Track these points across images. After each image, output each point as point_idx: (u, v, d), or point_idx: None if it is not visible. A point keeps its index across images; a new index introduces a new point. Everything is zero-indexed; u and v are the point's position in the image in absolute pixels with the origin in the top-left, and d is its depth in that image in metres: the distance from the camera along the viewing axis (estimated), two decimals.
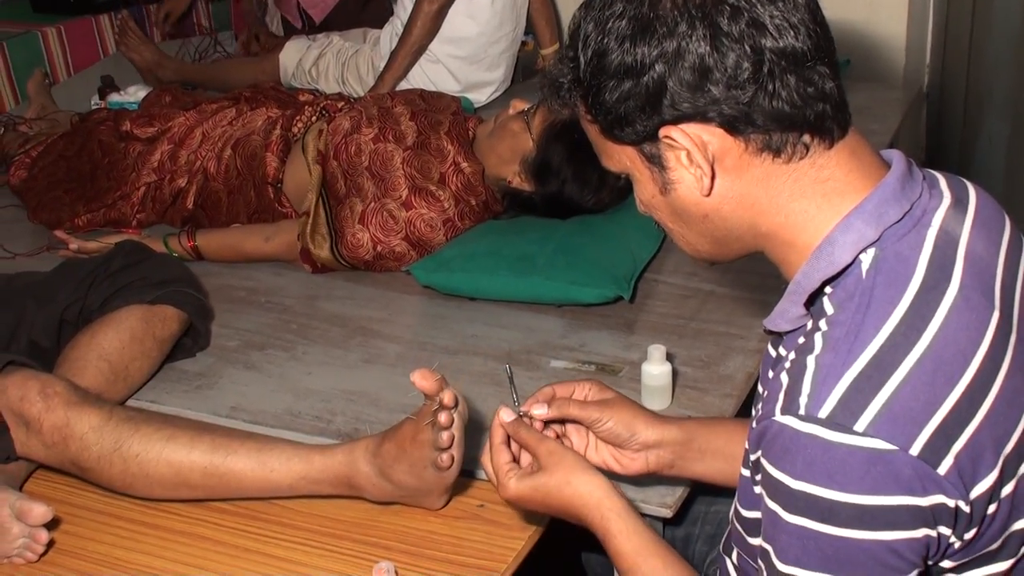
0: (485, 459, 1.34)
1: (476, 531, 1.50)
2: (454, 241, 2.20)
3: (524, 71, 3.46)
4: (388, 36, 3.20)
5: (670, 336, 1.93)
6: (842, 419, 0.96)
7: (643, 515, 1.52)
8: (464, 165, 2.26)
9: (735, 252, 1.15)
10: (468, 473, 1.56)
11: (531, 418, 1.35)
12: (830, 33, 1.05)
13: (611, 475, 1.33)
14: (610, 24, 1.03)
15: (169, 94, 2.76)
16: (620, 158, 1.11)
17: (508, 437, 1.34)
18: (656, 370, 1.70)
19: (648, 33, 1.01)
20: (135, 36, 3.50)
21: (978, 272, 1.05)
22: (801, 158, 1.05)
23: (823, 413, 0.97)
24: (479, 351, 1.93)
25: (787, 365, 1.05)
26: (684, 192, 1.08)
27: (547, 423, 1.37)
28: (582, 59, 1.06)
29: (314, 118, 2.49)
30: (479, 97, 3.20)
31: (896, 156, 1.09)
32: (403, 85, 3.08)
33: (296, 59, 3.39)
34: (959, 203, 1.11)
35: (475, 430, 1.66)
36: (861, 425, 0.96)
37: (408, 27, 3.03)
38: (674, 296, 2.09)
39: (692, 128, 1.03)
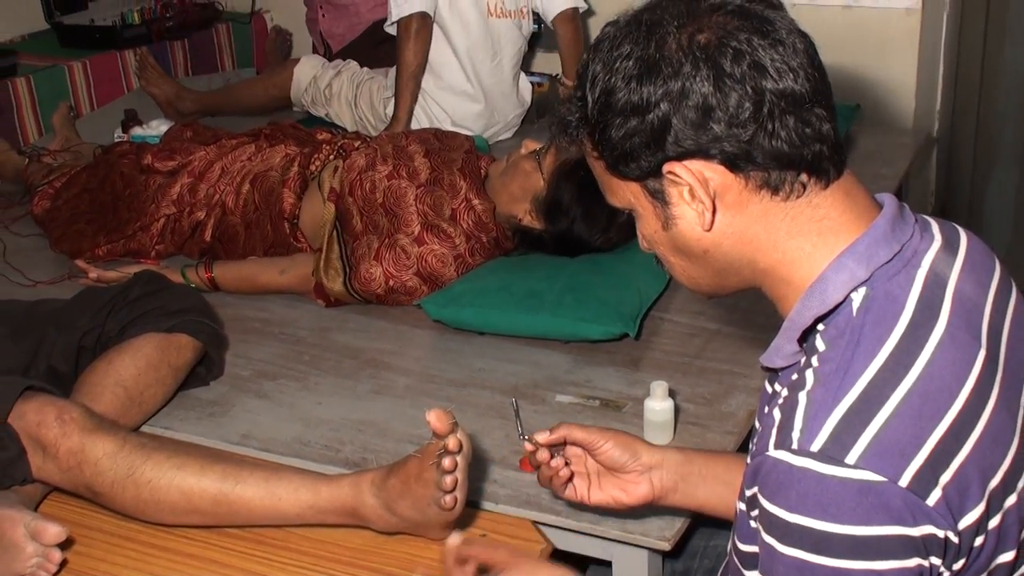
0: None
1: None
2: (465, 277, 2.24)
3: (539, 110, 3.51)
4: (392, 75, 3.26)
5: (674, 373, 1.96)
6: (833, 452, 0.99)
7: (642, 548, 1.56)
8: (476, 202, 2.30)
9: (733, 286, 1.18)
10: (471, 503, 1.59)
11: (536, 443, 1.39)
12: (827, 78, 1.09)
13: (619, 514, 1.35)
14: (618, 64, 1.07)
15: (190, 129, 2.81)
16: (624, 194, 1.14)
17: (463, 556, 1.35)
18: (659, 406, 1.73)
19: (654, 73, 1.05)
20: (154, 71, 3.56)
21: (966, 312, 1.09)
22: (798, 197, 1.08)
23: (815, 447, 1.00)
24: (487, 385, 1.97)
25: (780, 401, 1.08)
26: (685, 227, 1.12)
27: (552, 454, 1.41)
28: (590, 98, 1.09)
29: (331, 156, 2.54)
30: (470, 133, 3.22)
31: (888, 199, 1.13)
32: (412, 124, 3.14)
33: (311, 75, 3.44)
34: (949, 246, 1.15)
35: (482, 461, 1.70)
36: (852, 458, 0.98)
37: (399, 59, 3.09)
38: (679, 334, 2.13)
39: (695, 164, 1.07)
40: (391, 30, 3.13)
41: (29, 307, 1.98)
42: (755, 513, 1.07)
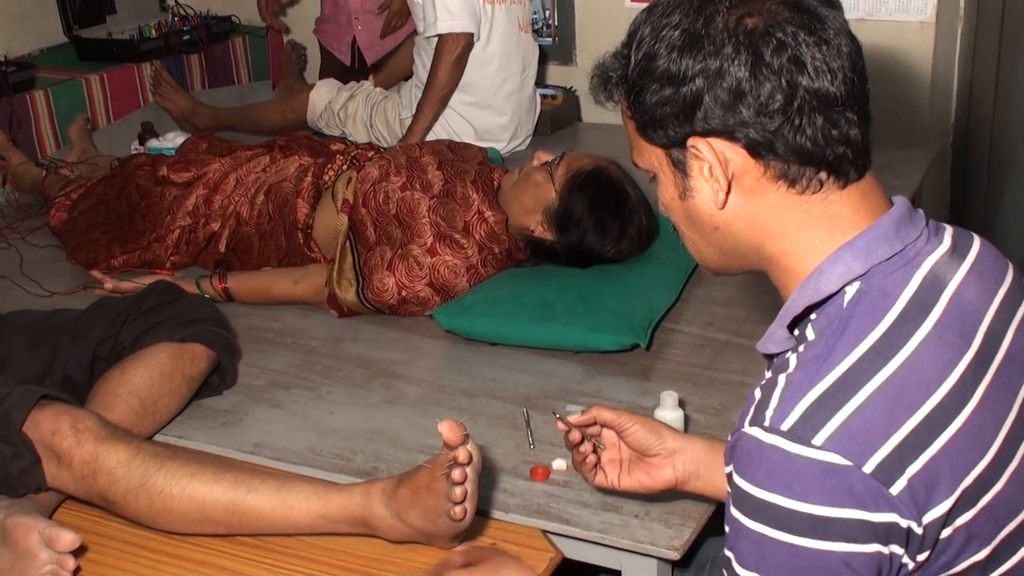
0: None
1: None
2: (477, 287, 2.25)
3: (553, 124, 3.52)
4: (409, 89, 3.28)
5: (685, 384, 1.97)
6: (802, 433, 1.02)
7: (651, 557, 1.56)
8: (488, 214, 2.31)
9: (740, 267, 1.21)
10: (481, 512, 1.59)
11: (568, 423, 1.47)
12: (867, 85, 1.11)
13: (646, 498, 1.45)
14: (664, 32, 1.10)
15: (206, 141, 2.83)
16: (649, 157, 1.17)
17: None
18: (668, 416, 1.72)
19: (696, 48, 1.08)
20: (169, 86, 3.59)
21: (961, 314, 1.10)
22: (814, 192, 1.11)
23: (785, 426, 1.03)
24: (498, 395, 1.97)
25: (762, 382, 1.11)
26: (700, 201, 1.15)
27: (583, 440, 1.49)
28: (633, 58, 1.13)
29: (344, 167, 2.56)
30: (496, 145, 3.24)
31: (899, 201, 1.15)
32: (429, 136, 3.15)
33: (326, 100, 3.46)
34: (958, 251, 1.16)
35: (492, 470, 1.70)
36: (819, 439, 1.01)
37: (431, 76, 3.08)
38: (690, 345, 2.13)
39: (718, 144, 1.10)
40: (429, 42, 3.11)
41: (45, 317, 2.00)
42: (729, 489, 1.09)
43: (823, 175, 1.10)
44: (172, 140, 3.24)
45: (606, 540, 1.58)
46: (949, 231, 1.18)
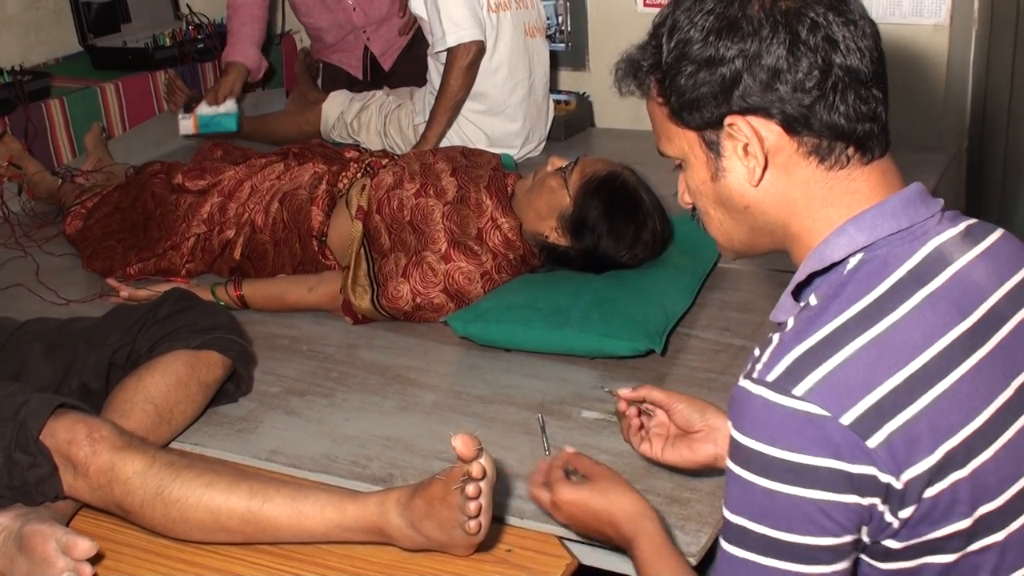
0: (537, 479, 1.51)
1: None
2: (491, 293, 2.25)
3: (567, 129, 3.52)
4: (422, 96, 3.28)
5: (700, 389, 1.96)
6: (784, 384, 1.06)
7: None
8: (502, 221, 2.31)
9: (765, 247, 1.25)
10: (497, 519, 1.59)
11: (618, 396, 1.58)
12: (886, 66, 1.17)
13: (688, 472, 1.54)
14: (698, 18, 1.15)
15: (220, 148, 2.85)
16: (680, 142, 1.22)
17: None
18: None
19: (734, 31, 1.13)
20: (183, 94, 3.61)
21: (961, 289, 1.13)
22: (841, 168, 1.16)
23: (771, 377, 1.08)
24: (513, 400, 1.97)
25: (762, 342, 1.15)
26: (732, 181, 1.19)
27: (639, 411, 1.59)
28: (666, 46, 1.18)
29: (359, 174, 2.56)
30: (509, 151, 3.23)
31: (915, 184, 1.19)
32: (443, 143, 3.15)
33: (339, 111, 3.47)
34: (971, 236, 1.19)
35: (508, 477, 1.70)
36: (800, 391, 1.05)
37: (444, 83, 3.08)
38: (706, 350, 2.13)
39: (755, 121, 1.15)
40: (439, 57, 3.12)
41: (61, 325, 2.01)
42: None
43: (851, 151, 1.15)
44: (226, 106, 3.22)
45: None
46: (967, 220, 1.21)
